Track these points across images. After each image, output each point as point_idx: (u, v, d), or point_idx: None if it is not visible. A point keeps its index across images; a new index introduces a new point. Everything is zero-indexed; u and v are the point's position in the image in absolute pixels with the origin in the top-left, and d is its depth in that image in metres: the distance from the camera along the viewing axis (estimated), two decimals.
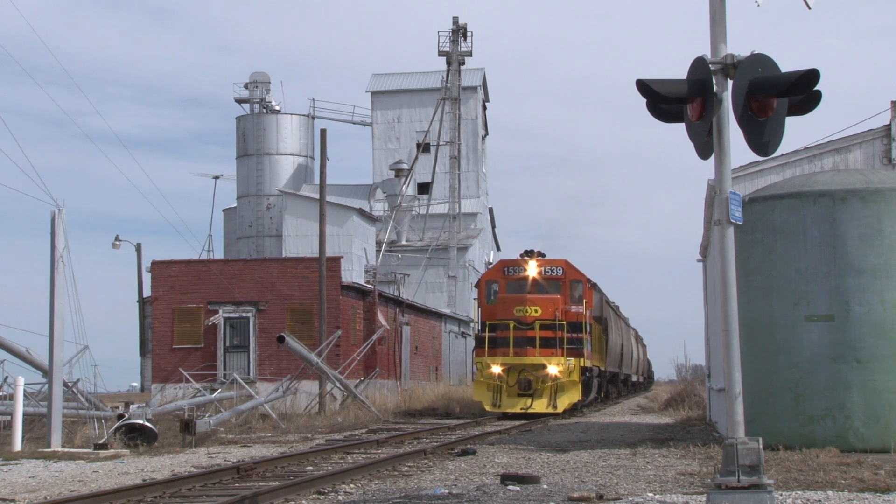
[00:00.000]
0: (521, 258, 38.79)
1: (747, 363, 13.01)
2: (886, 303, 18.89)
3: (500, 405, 35.97)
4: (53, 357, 23.62)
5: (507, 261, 40.42)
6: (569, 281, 38.05)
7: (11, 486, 16.25)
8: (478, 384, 37.10)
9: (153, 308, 45.68)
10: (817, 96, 12.00)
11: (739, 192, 12.42)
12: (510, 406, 35.83)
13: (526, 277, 37.81)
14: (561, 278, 38.00)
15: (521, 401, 35.81)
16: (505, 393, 36.00)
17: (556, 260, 38.80)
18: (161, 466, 19.00)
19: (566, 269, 38.41)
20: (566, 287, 37.84)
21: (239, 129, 76.99)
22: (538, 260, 38.23)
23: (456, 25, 71.29)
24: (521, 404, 35.71)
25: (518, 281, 37.96)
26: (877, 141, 23.59)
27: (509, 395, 35.97)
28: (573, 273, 38.57)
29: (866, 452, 17.62)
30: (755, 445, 11.54)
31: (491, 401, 36.07)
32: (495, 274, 39.29)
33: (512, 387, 35.98)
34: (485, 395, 36.39)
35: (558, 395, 35.87)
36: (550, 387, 35.85)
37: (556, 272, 38.10)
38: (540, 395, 35.72)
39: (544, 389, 35.80)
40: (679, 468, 16.70)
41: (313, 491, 14.30)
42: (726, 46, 11.99)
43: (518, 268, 38.24)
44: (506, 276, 38.32)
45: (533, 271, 37.72)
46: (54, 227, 23.77)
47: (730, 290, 11.96)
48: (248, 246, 74.02)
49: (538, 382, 35.85)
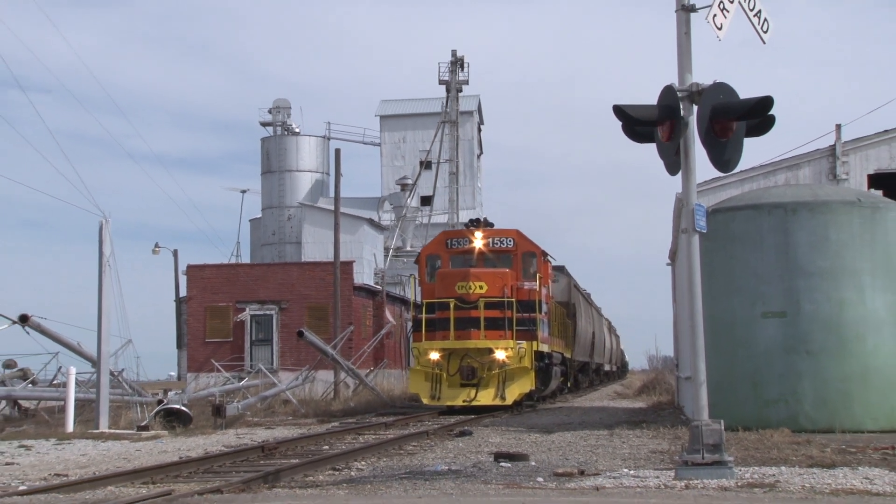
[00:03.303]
0: (465, 229, 30.34)
1: (711, 355, 13.00)
2: (833, 301, 18.90)
3: (440, 397, 27.36)
4: (101, 349, 23.64)
5: (451, 231, 32.07)
6: (521, 254, 29.09)
7: (65, 462, 16.27)
8: (414, 373, 28.17)
9: (188, 306, 45.66)
10: (771, 120, 12.03)
11: (704, 204, 12.44)
12: (451, 398, 27.24)
13: (472, 250, 29.02)
14: (512, 251, 29.06)
15: (464, 392, 27.19)
16: (445, 383, 27.29)
17: (505, 230, 29.79)
18: (195, 446, 19.00)
19: (518, 239, 29.33)
20: (517, 260, 28.93)
21: (263, 149, 76.99)
22: (485, 230, 29.39)
23: (454, 58, 71.25)
24: (464, 396, 27.14)
25: (462, 254, 29.20)
26: (823, 159, 23.65)
27: (450, 386, 27.29)
28: (526, 244, 29.38)
29: (815, 433, 17.61)
30: (718, 427, 11.55)
31: (429, 392, 27.42)
32: (437, 247, 30.02)
33: (453, 375, 27.28)
34: (422, 385, 27.59)
35: (507, 384, 27.24)
36: (498, 375, 27.19)
37: (505, 244, 29.11)
38: (486, 385, 27.15)
39: (491, 378, 27.16)
40: (651, 447, 16.69)
41: (329, 467, 14.28)
42: (692, 76, 12.01)
43: (462, 239, 29.38)
44: (449, 249, 29.47)
45: (479, 243, 28.91)
46: (102, 236, 23.78)
47: (695, 290, 11.97)
48: (272, 252, 73.94)
49: (483, 370, 27.19)
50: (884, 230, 19.36)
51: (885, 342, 19.02)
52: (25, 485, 12.92)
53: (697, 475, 11.28)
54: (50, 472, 14.54)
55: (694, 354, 11.90)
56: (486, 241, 29.03)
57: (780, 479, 11.30)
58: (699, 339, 11.84)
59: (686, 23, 12.03)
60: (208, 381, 39.31)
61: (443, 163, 71.25)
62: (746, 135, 12.03)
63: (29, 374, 29.80)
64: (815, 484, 10.96)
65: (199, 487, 11.90)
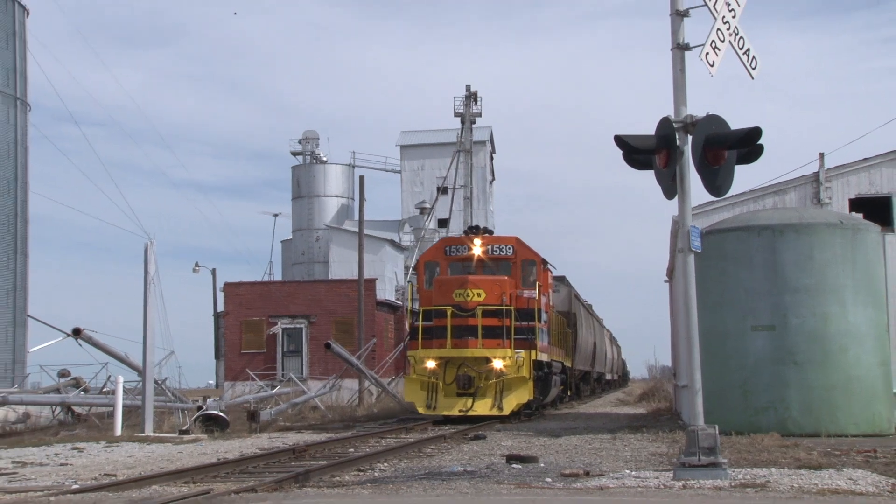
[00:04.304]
0: (464, 236, 28.06)
1: (705, 365, 12.95)
2: (817, 315, 18.81)
3: (436, 407, 24.89)
4: (146, 360, 23.66)
5: (450, 238, 29.25)
6: (520, 261, 26.58)
7: (113, 463, 16.29)
8: (409, 382, 25.59)
9: (225, 320, 45.74)
10: (760, 149, 12.02)
11: (698, 226, 12.43)
12: (447, 408, 24.77)
13: (470, 257, 26.49)
14: (511, 258, 26.52)
15: (461, 401, 24.77)
16: (441, 392, 24.88)
17: (505, 237, 27.47)
18: (232, 448, 18.98)
19: (517, 247, 26.78)
20: (517, 268, 26.44)
21: (294, 177, 77.26)
22: (484, 237, 26.89)
23: (468, 92, 71.27)
24: (461, 405, 24.71)
25: (461, 262, 26.69)
26: (808, 185, 23.60)
27: (447, 395, 24.87)
28: (525, 252, 26.84)
29: (802, 437, 17.51)
30: (712, 431, 11.50)
31: (425, 401, 25.06)
32: (436, 254, 27.44)
33: (450, 385, 24.85)
34: (418, 394, 25.24)
35: (505, 394, 24.84)
36: (495, 384, 24.77)
37: (504, 251, 26.56)
38: (483, 395, 24.73)
39: (488, 388, 24.74)
40: (651, 450, 16.61)
41: (354, 468, 14.24)
42: (686, 108, 12.02)
43: (461, 247, 26.78)
44: (447, 256, 26.87)
45: (478, 250, 26.39)
46: (147, 256, 23.84)
47: (691, 305, 11.94)
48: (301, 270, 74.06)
49: (480, 379, 24.77)
50: (864, 250, 19.30)
51: (866, 353, 18.93)
52: (78, 483, 12.94)
53: (694, 476, 11.22)
54: (100, 472, 14.56)
55: (690, 364, 11.85)
56: (485, 249, 26.54)
57: (770, 480, 11.23)
58: (695, 351, 11.80)
59: (681, 60, 12.05)
60: (244, 389, 39.35)
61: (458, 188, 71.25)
62: (737, 162, 12.02)
63: (81, 382, 29.89)
64: (803, 484, 10.89)
65: (235, 486, 11.90)
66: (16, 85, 39.79)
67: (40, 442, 20.92)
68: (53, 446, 19.67)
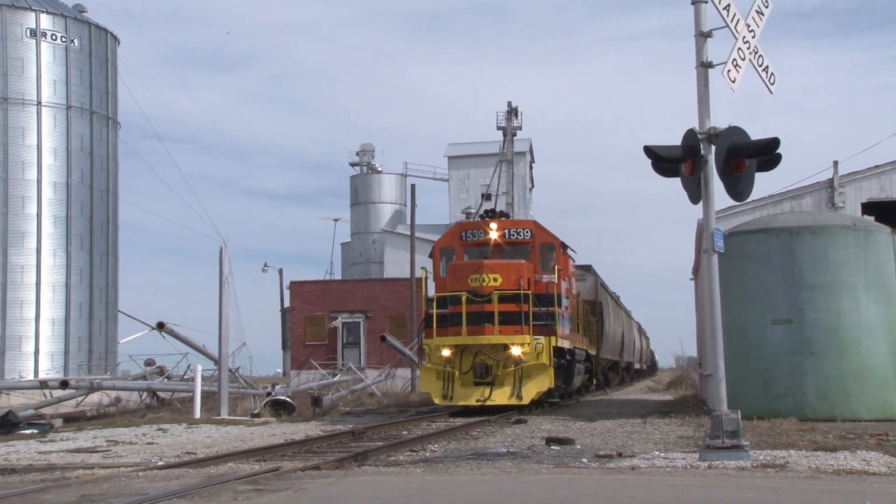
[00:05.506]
0: (480, 220, 24.52)
1: (728, 355, 12.79)
2: (832, 310, 18.53)
3: (452, 397, 21.58)
4: (221, 351, 23.92)
5: (466, 223, 25.78)
6: (538, 245, 23.14)
7: (193, 442, 16.49)
8: (425, 371, 22.32)
9: (291, 315, 46.13)
10: (779, 157, 11.85)
11: (721, 229, 12.29)
12: (464, 398, 21.48)
13: (487, 242, 23.14)
14: (529, 242, 23.11)
15: (478, 391, 21.44)
16: (458, 381, 21.61)
17: (522, 220, 24.55)
18: (298, 430, 19.09)
19: (535, 230, 23.38)
20: (535, 252, 23.01)
21: (352, 185, 77.76)
22: (500, 221, 23.61)
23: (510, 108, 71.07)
24: (478, 395, 21.38)
25: (477, 247, 23.33)
26: (823, 190, 23.27)
27: (463, 385, 21.60)
28: (544, 235, 23.41)
29: (818, 422, 17.23)
30: (735, 416, 11.36)
31: (441, 391, 21.74)
32: (451, 239, 24.00)
33: (466, 373, 21.62)
34: (433, 384, 21.92)
35: (524, 382, 21.45)
36: (513, 372, 21.41)
37: (522, 235, 23.20)
38: (501, 384, 21.42)
39: (506, 376, 21.42)
40: (678, 433, 16.44)
41: (407, 449, 14.24)
42: (710, 121, 11.90)
43: (477, 231, 23.51)
44: (463, 241, 23.59)
45: (494, 234, 23.07)
46: (222, 258, 24.09)
47: (715, 302, 11.81)
48: (359, 270, 74.44)
49: (498, 367, 21.49)
50: (875, 250, 18.99)
51: (878, 345, 18.61)
52: (163, 460, 13.13)
53: (718, 457, 11.10)
54: (182, 451, 14.75)
55: (714, 355, 11.72)
56: (501, 232, 23.12)
57: (789, 461, 11.07)
58: (719, 342, 11.67)
59: (705, 77, 11.92)
60: (308, 377, 39.64)
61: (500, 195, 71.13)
62: (757, 170, 11.87)
63: (165, 370, 30.33)
64: (820, 465, 10.73)
65: (301, 465, 11.96)
66: (108, 106, 40.50)
67: (130, 423, 21.25)
68: (141, 427, 19.96)
